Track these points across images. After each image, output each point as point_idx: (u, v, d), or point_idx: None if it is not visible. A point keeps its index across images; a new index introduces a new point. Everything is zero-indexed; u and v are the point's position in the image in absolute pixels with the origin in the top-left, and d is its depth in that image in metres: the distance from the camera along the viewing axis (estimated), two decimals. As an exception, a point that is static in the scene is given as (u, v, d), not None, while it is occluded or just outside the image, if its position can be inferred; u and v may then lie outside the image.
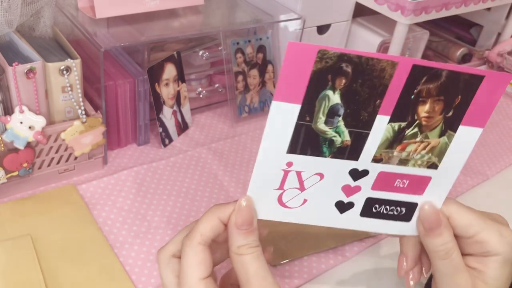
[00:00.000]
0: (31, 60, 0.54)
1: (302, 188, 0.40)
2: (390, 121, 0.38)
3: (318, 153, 0.38)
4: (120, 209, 0.58)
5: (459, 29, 1.05)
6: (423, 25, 0.89)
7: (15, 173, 0.55)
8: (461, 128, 0.39)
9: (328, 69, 0.35)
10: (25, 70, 0.52)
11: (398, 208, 0.42)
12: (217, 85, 0.80)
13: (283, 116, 0.36)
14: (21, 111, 0.53)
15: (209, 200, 0.61)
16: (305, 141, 0.37)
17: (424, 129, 0.39)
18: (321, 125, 0.37)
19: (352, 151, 0.39)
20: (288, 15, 0.75)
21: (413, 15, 0.74)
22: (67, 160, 0.60)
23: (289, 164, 0.38)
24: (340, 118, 0.37)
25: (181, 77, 0.71)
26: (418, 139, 0.39)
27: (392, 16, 0.76)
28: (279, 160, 0.38)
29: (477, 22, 1.01)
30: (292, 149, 0.38)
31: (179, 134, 0.73)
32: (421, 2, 0.74)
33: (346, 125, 0.37)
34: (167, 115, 0.69)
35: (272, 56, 0.78)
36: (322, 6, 0.78)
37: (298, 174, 0.39)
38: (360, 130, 0.38)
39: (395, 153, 0.40)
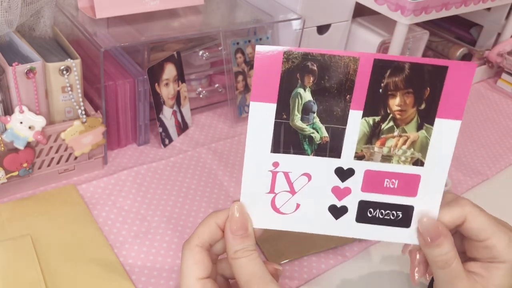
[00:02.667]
0: (31, 60, 0.54)
1: (292, 191, 0.41)
2: (364, 115, 0.39)
3: (300, 151, 0.40)
4: (120, 209, 0.58)
5: (459, 29, 1.05)
6: (423, 25, 0.89)
7: (15, 173, 0.55)
8: (438, 121, 0.40)
9: (296, 68, 0.37)
10: (25, 70, 0.52)
11: (394, 212, 0.42)
12: (217, 85, 0.80)
13: (261, 116, 0.38)
14: (21, 111, 0.53)
15: (209, 200, 0.61)
16: (286, 139, 0.39)
17: (399, 122, 0.40)
18: (298, 122, 0.39)
19: (332, 147, 0.40)
20: (288, 15, 0.75)
21: (413, 15, 0.74)
22: (67, 160, 0.60)
23: (275, 164, 0.40)
24: (315, 115, 0.39)
25: (181, 77, 0.71)
26: (395, 133, 0.40)
27: (392, 16, 0.76)
28: (265, 160, 0.40)
29: (477, 22, 1.01)
30: (275, 148, 0.39)
31: (179, 134, 0.73)
32: (421, 2, 0.74)
33: (322, 121, 0.39)
34: (167, 115, 0.69)
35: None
36: (322, 6, 0.78)
37: (286, 175, 0.40)
38: (336, 125, 0.39)
39: (376, 149, 0.40)
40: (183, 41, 0.75)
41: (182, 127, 0.73)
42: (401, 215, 0.42)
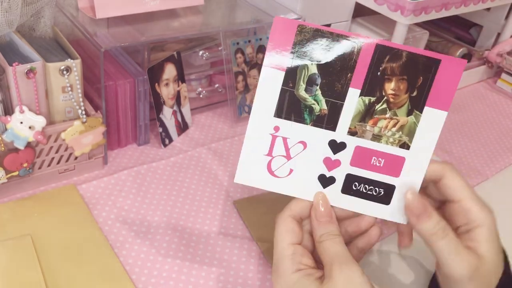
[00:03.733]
0: (31, 60, 0.54)
1: (288, 156, 0.44)
2: (361, 94, 0.43)
3: (300, 119, 0.43)
4: (120, 209, 0.58)
5: (458, 29, 1.05)
6: (423, 25, 0.89)
7: (15, 173, 0.55)
8: (426, 109, 0.43)
9: (306, 40, 0.41)
10: (25, 70, 0.52)
11: (377, 189, 0.45)
12: (217, 85, 0.80)
13: (271, 81, 0.42)
14: (21, 111, 0.53)
15: (209, 200, 0.61)
16: (289, 106, 0.43)
17: (392, 106, 0.43)
18: (302, 92, 0.43)
19: (329, 120, 0.43)
20: (288, 15, 0.75)
21: (413, 15, 0.74)
22: (67, 160, 0.60)
23: (276, 128, 0.44)
24: (318, 88, 0.43)
25: (181, 77, 0.71)
26: (387, 115, 0.43)
27: (391, 16, 0.76)
28: (267, 123, 0.43)
29: (476, 22, 1.01)
30: (278, 113, 0.43)
31: (179, 134, 0.73)
32: (420, 2, 0.74)
33: (323, 95, 0.43)
34: (167, 115, 0.69)
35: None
36: (322, 6, 0.78)
37: (284, 140, 0.44)
38: (335, 100, 0.43)
39: (368, 127, 0.44)
40: (183, 41, 0.75)
41: (182, 127, 0.73)
42: (382, 192, 0.45)
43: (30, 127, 0.54)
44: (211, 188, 0.64)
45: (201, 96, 0.78)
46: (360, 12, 0.85)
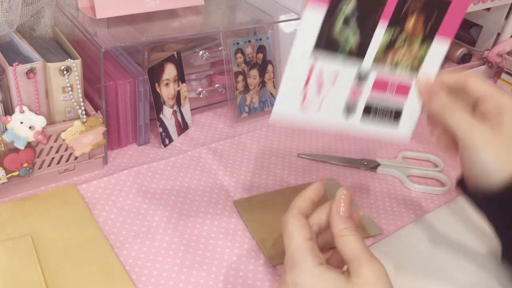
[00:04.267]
0: (31, 60, 0.54)
1: (320, 89, 0.48)
2: (388, 26, 0.48)
3: (335, 52, 0.47)
4: (120, 209, 0.58)
5: (458, 29, 1.05)
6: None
7: (16, 173, 0.55)
8: (436, 39, 0.50)
9: None
10: (26, 70, 0.52)
11: (389, 114, 0.51)
12: (217, 85, 0.80)
13: (312, 21, 0.45)
14: (22, 111, 0.53)
15: (209, 200, 0.62)
16: (327, 42, 0.47)
17: (409, 37, 0.49)
18: (337, 30, 0.47)
19: (360, 49, 0.48)
20: (288, 15, 0.75)
21: (413, 15, 0.74)
22: (67, 160, 0.60)
23: (313, 66, 0.47)
24: (355, 19, 0.47)
25: (181, 77, 0.71)
26: (405, 46, 0.49)
27: (392, 16, 0.76)
28: (306, 58, 0.47)
29: (476, 22, 1.01)
30: (317, 47, 0.47)
31: (179, 134, 0.73)
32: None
33: (358, 26, 0.47)
34: (167, 115, 0.69)
35: (272, 56, 0.78)
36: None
37: (320, 74, 0.48)
38: (367, 31, 0.48)
39: (389, 58, 0.50)
40: (183, 41, 0.75)
41: (182, 127, 0.74)
42: (393, 116, 0.52)
43: (30, 127, 0.54)
44: (211, 188, 0.64)
45: (201, 96, 0.78)
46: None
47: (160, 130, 0.69)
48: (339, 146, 0.76)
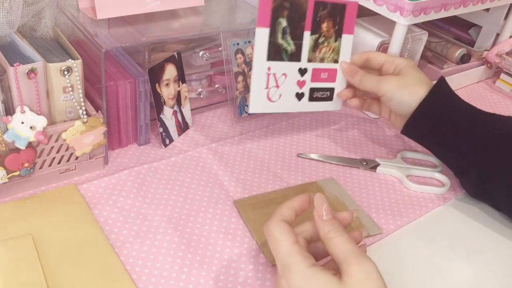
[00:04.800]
0: (32, 60, 0.54)
1: (277, 85, 0.67)
2: (311, 34, 0.66)
3: (281, 59, 0.65)
4: (121, 209, 0.58)
5: (458, 30, 1.05)
6: (422, 25, 0.89)
7: (17, 173, 0.55)
8: (344, 36, 0.69)
9: (278, 5, 0.63)
10: (26, 71, 0.52)
11: (325, 93, 0.71)
12: (217, 86, 0.80)
13: (262, 37, 0.63)
14: (22, 111, 0.53)
15: (209, 200, 0.62)
16: (274, 52, 0.65)
17: (326, 37, 0.68)
18: (279, 40, 0.64)
19: (296, 55, 0.67)
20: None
21: (412, 16, 0.74)
22: (68, 160, 0.60)
23: (269, 68, 0.65)
24: (288, 35, 0.65)
25: (181, 78, 0.71)
26: (325, 44, 0.68)
27: (391, 16, 0.76)
28: (263, 66, 0.64)
29: (476, 22, 1.02)
30: (269, 57, 0.64)
31: (179, 134, 0.73)
32: (420, 3, 0.74)
33: (292, 39, 0.65)
34: (168, 115, 0.70)
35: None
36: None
37: (274, 75, 0.66)
38: (298, 41, 0.66)
39: (317, 55, 0.68)
40: (183, 42, 0.75)
41: (183, 127, 0.74)
42: (329, 94, 0.71)
43: (31, 127, 0.54)
44: (211, 188, 0.64)
45: (201, 96, 0.79)
46: (360, 12, 0.85)
47: (161, 130, 0.69)
48: (339, 146, 0.76)
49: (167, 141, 0.71)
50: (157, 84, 0.67)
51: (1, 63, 0.54)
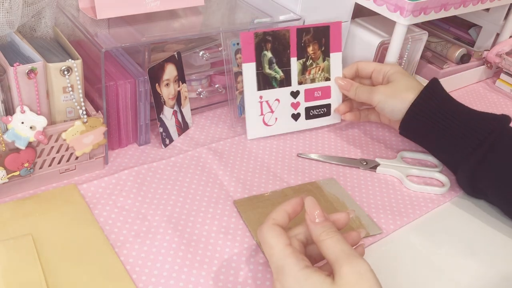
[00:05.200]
0: (32, 60, 0.54)
1: (272, 110, 0.73)
2: (298, 59, 0.73)
3: (271, 87, 0.72)
4: (121, 209, 0.58)
5: (457, 30, 1.05)
6: (422, 25, 0.89)
7: (16, 173, 0.55)
8: (332, 54, 0.75)
9: (261, 40, 0.70)
10: (26, 71, 0.52)
11: (322, 109, 0.76)
12: (217, 86, 0.80)
13: (249, 70, 0.70)
14: (22, 111, 0.53)
15: (209, 200, 0.62)
16: (264, 81, 0.71)
17: (314, 59, 0.74)
18: (267, 70, 0.71)
19: (286, 81, 0.73)
20: (288, 16, 0.75)
21: (412, 16, 0.74)
22: (68, 160, 0.60)
23: (260, 97, 0.72)
24: (275, 64, 0.71)
25: (181, 78, 0.71)
26: (314, 65, 0.74)
27: (391, 16, 0.76)
28: (255, 96, 0.71)
29: (475, 22, 1.02)
30: (259, 87, 0.71)
31: (179, 134, 0.73)
32: (420, 3, 0.74)
33: (279, 67, 0.72)
34: (168, 115, 0.70)
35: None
36: (321, 7, 0.78)
37: (267, 102, 0.72)
38: (286, 68, 0.72)
39: (307, 76, 0.74)
40: (183, 42, 0.75)
41: (183, 127, 0.74)
42: (325, 110, 0.77)
43: (31, 127, 0.54)
44: (211, 188, 0.64)
45: (201, 96, 0.79)
46: (360, 12, 0.85)
47: (161, 130, 0.69)
48: (338, 146, 0.76)
49: (167, 141, 0.71)
50: (157, 84, 0.67)
51: (1, 63, 0.54)
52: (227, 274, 0.52)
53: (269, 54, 0.69)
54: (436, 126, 0.65)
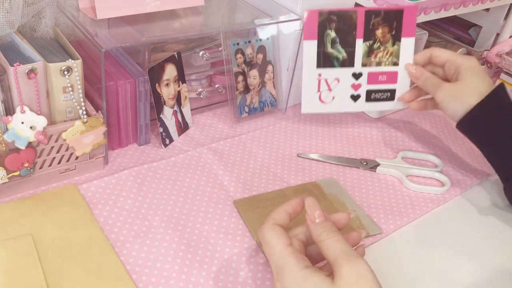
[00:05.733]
0: (32, 60, 0.54)
1: (329, 89, 0.73)
2: (364, 41, 0.71)
3: (332, 65, 0.72)
4: (121, 209, 0.58)
5: (458, 30, 1.05)
6: (422, 25, 0.89)
7: (17, 173, 0.55)
8: (403, 39, 0.72)
9: (325, 19, 0.70)
10: (27, 71, 0.52)
11: (385, 94, 0.74)
12: (217, 86, 0.80)
13: (310, 48, 0.70)
14: (23, 111, 0.53)
15: (209, 200, 0.62)
16: (324, 60, 0.71)
17: (382, 42, 0.72)
18: (329, 49, 0.71)
19: (349, 61, 0.72)
20: (288, 16, 0.75)
21: (413, 16, 0.74)
22: (68, 160, 0.60)
23: (319, 75, 0.72)
24: (338, 44, 0.71)
25: (181, 78, 0.71)
26: (382, 49, 0.72)
27: (391, 16, 0.76)
28: (314, 73, 0.71)
29: (476, 22, 1.02)
30: (319, 65, 0.71)
31: (179, 134, 0.73)
32: (420, 3, 0.74)
33: (342, 47, 0.71)
34: (168, 115, 0.70)
35: (272, 57, 0.78)
36: (321, 7, 0.78)
37: (325, 80, 0.72)
38: (350, 48, 0.71)
39: (372, 59, 0.72)
40: (183, 42, 0.75)
41: (183, 127, 0.74)
42: (389, 94, 0.74)
43: (31, 127, 0.54)
44: (211, 188, 0.64)
45: (201, 96, 0.79)
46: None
47: (161, 130, 0.69)
48: (338, 146, 0.76)
49: (167, 141, 0.71)
50: (157, 84, 0.67)
51: (1, 63, 0.54)
52: (227, 274, 0.52)
53: (332, 34, 0.69)
54: (494, 135, 0.64)
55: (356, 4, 0.82)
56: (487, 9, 0.97)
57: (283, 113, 0.82)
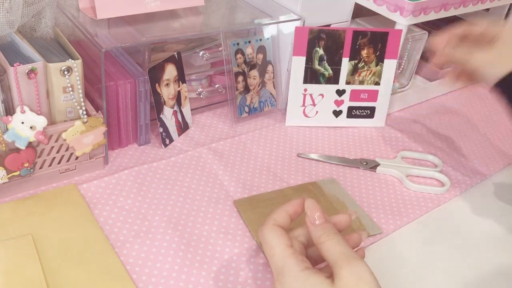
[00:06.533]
0: (32, 60, 0.54)
1: (314, 104, 0.77)
2: (349, 60, 0.76)
3: (318, 81, 0.76)
4: (121, 209, 0.58)
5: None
6: (422, 25, 0.89)
7: (17, 173, 0.55)
8: (386, 61, 0.77)
9: (314, 37, 0.73)
10: (27, 71, 0.52)
11: (365, 111, 0.79)
12: (217, 86, 0.80)
13: (298, 63, 0.74)
14: (23, 111, 0.53)
15: (209, 200, 0.62)
16: (311, 75, 0.75)
17: (366, 62, 0.76)
18: (316, 66, 0.75)
19: (334, 79, 0.77)
20: (288, 16, 0.75)
21: (412, 16, 0.74)
22: (68, 160, 0.60)
23: (305, 90, 0.76)
24: (325, 62, 0.75)
25: (181, 78, 0.71)
26: (365, 68, 0.76)
27: (391, 17, 0.76)
28: (300, 88, 0.76)
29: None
30: (305, 81, 0.75)
31: (179, 134, 0.73)
32: (420, 3, 0.74)
33: (329, 64, 0.75)
34: (168, 115, 0.70)
35: (272, 57, 0.78)
36: (321, 7, 0.78)
37: (310, 95, 0.76)
38: (336, 66, 0.76)
39: (356, 78, 0.77)
40: (183, 42, 0.75)
41: (183, 127, 0.74)
42: (369, 112, 0.80)
43: (31, 127, 0.54)
44: (211, 188, 0.64)
45: (201, 96, 0.79)
46: (360, 12, 0.85)
47: (161, 130, 0.69)
48: (338, 146, 0.76)
49: (167, 141, 0.71)
50: (157, 84, 0.67)
51: (1, 63, 0.54)
52: (227, 274, 0.52)
53: (320, 51, 0.73)
54: None
55: (356, 4, 0.82)
56: (487, 9, 0.97)
57: (283, 113, 0.82)
